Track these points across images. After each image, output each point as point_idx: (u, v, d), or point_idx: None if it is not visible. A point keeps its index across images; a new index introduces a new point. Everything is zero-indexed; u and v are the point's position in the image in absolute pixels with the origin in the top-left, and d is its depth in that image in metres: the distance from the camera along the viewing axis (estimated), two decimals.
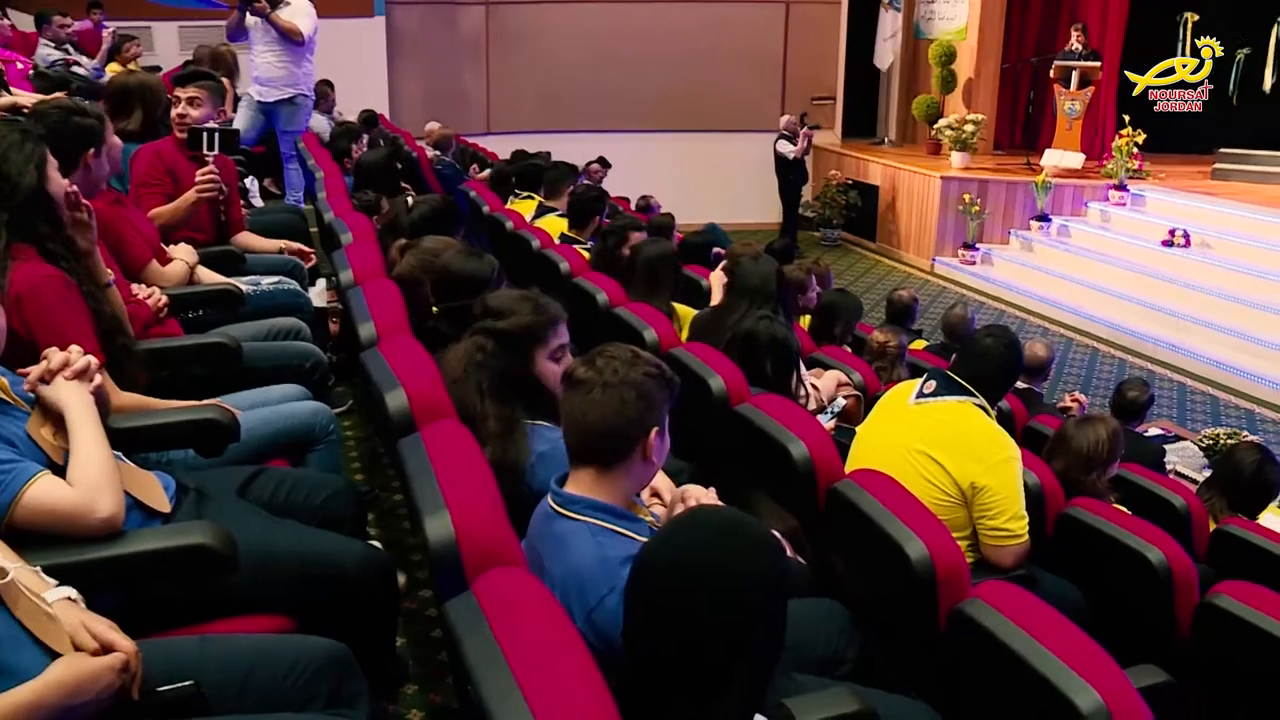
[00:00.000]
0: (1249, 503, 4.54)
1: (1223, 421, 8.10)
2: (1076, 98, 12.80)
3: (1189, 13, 14.17)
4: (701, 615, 1.56)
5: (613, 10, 13.88)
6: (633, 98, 14.00)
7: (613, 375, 2.12)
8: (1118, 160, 12.23)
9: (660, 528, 1.74)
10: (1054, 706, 2.06)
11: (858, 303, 5.69)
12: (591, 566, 2.05)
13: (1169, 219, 11.39)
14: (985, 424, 3.32)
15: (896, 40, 14.52)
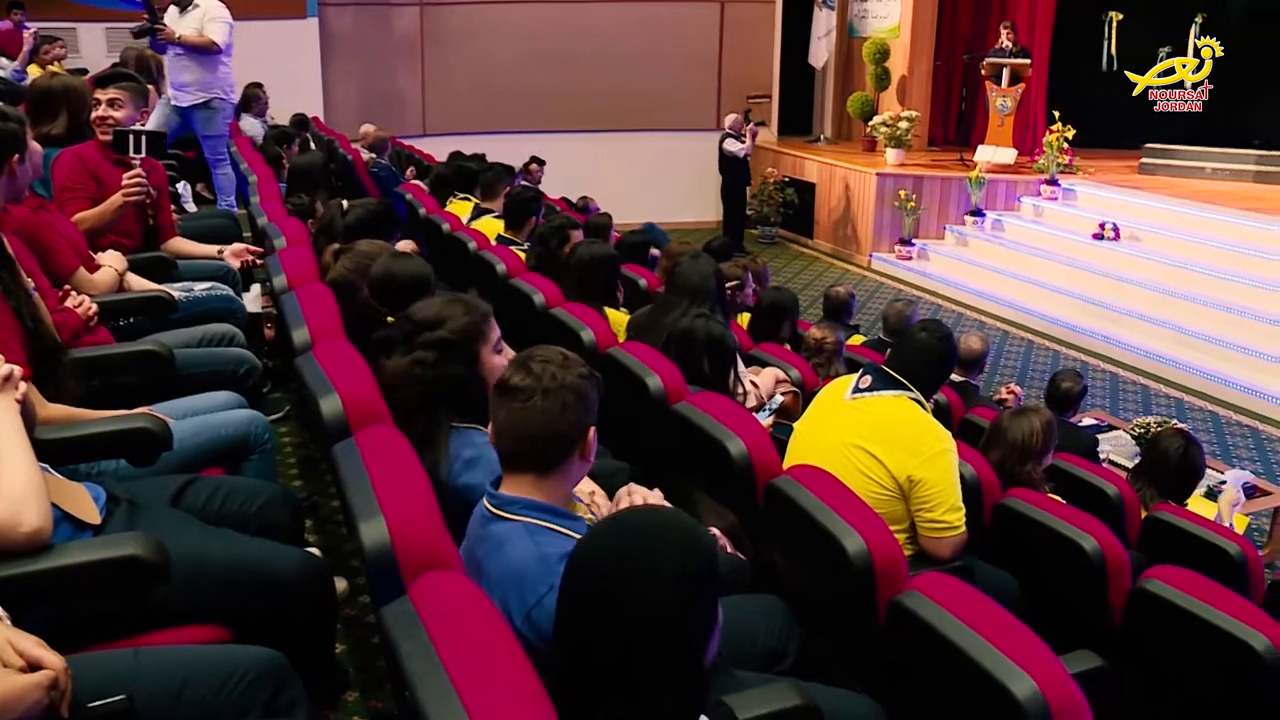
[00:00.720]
0: (1177, 488, 4.62)
1: (1154, 410, 8.25)
2: (1008, 94, 12.99)
3: (1113, 12, 14.48)
4: (630, 614, 1.56)
5: (548, 10, 13.85)
6: (569, 98, 13.97)
7: (551, 380, 2.11)
8: (1049, 155, 12.44)
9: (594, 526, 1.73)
10: (991, 695, 2.09)
11: (794, 299, 5.71)
12: (530, 565, 2.05)
13: (1099, 213, 11.61)
14: (921, 417, 3.35)
15: (831, 39, 14.64)
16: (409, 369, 2.74)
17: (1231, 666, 2.77)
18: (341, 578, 3.35)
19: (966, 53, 14.30)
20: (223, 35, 7.40)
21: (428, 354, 2.74)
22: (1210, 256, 10.32)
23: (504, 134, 13.21)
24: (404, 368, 2.76)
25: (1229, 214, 10.85)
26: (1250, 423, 8.26)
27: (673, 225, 13.17)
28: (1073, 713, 2.09)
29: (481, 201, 7.24)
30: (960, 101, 14.81)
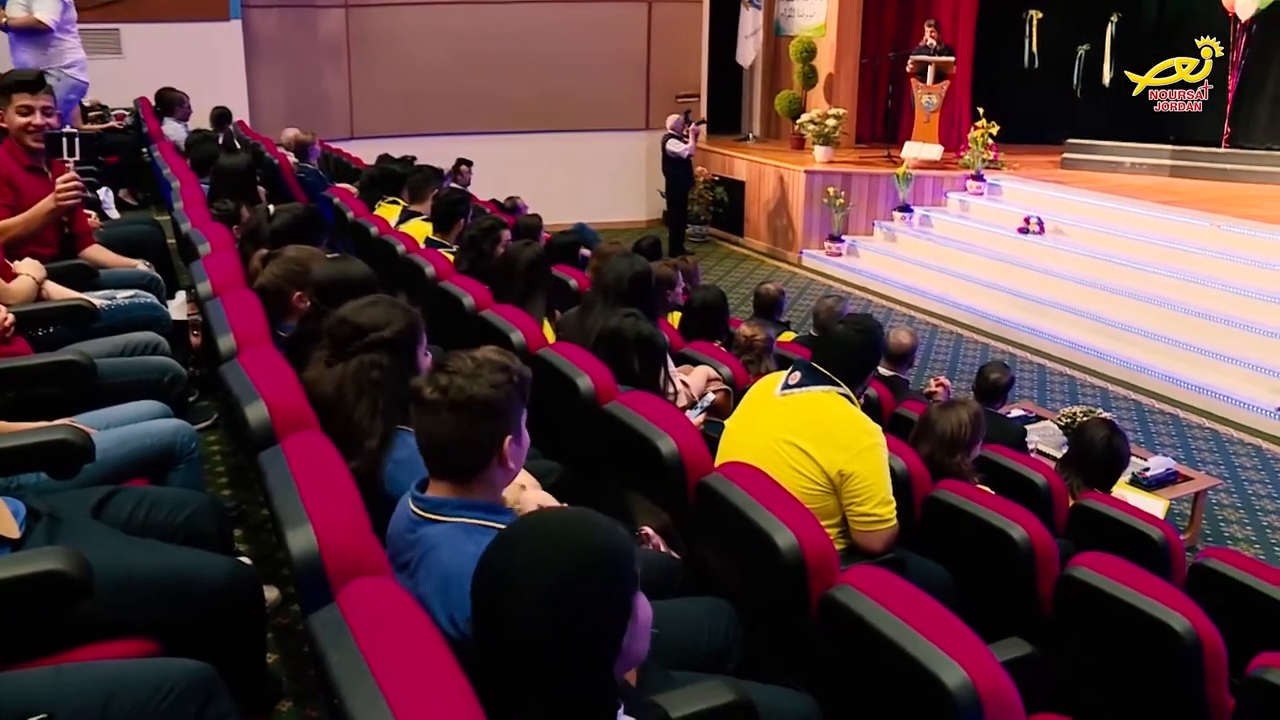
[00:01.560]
0: (1103, 476, 4.71)
1: (1080, 400, 8.40)
2: (933, 92, 13.15)
3: (1034, 10, 14.74)
4: (511, 616, 1.54)
5: (476, 11, 13.77)
6: (498, 99, 13.89)
7: (458, 393, 2.09)
8: (974, 151, 12.63)
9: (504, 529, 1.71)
10: (923, 685, 2.11)
11: (724, 297, 5.74)
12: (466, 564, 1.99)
13: (1024, 207, 11.80)
14: (850, 412, 3.37)
15: (758, 37, 14.72)
16: (363, 372, 2.72)
17: (1154, 648, 2.82)
18: (273, 586, 3.31)
19: (892, 51, 14.47)
20: (50, 12, 7.32)
21: (380, 356, 2.72)
22: (1130, 249, 10.55)
23: (433, 136, 13.10)
24: (355, 371, 2.73)
25: (1147, 208, 11.11)
26: (1172, 410, 8.44)
27: (603, 225, 13.17)
28: (1002, 700, 2.12)
29: (410, 204, 7.18)
30: (887, 99, 14.98)
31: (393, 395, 2.66)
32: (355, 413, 2.66)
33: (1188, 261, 10.03)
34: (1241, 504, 6.78)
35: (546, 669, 1.54)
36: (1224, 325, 9.03)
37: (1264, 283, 9.34)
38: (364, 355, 2.73)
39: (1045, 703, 2.83)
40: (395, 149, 11.45)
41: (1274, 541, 6.27)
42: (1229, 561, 3.71)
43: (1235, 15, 13.46)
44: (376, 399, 2.67)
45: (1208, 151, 13.41)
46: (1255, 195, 11.73)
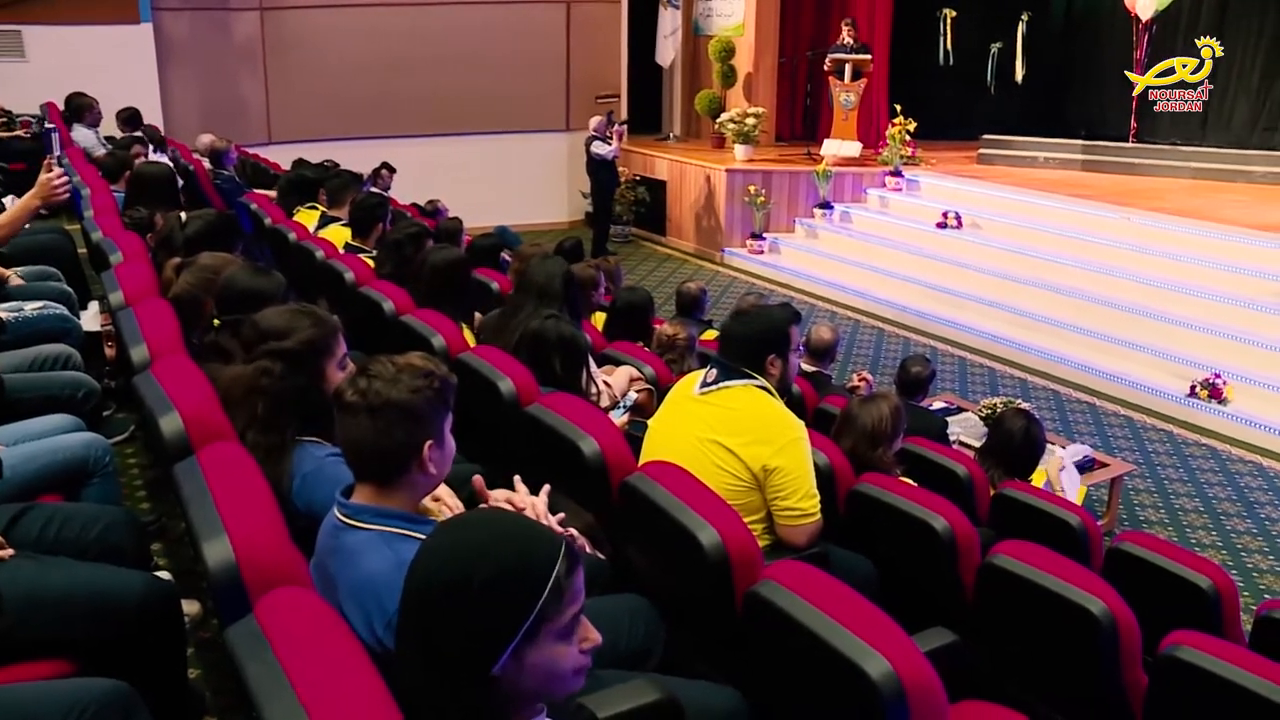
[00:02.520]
0: (1021, 465, 4.80)
1: (1000, 391, 8.55)
2: (850, 89, 13.29)
3: (948, 9, 14.99)
4: (448, 621, 1.53)
5: (393, 13, 13.64)
6: (418, 101, 13.78)
7: (376, 398, 2.09)
8: (892, 148, 12.81)
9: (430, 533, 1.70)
10: (847, 676, 2.13)
11: (647, 297, 5.75)
12: (388, 574, 2.01)
13: (942, 202, 11.98)
14: (771, 406, 3.37)
15: (677, 37, 14.76)
16: (254, 378, 2.68)
17: (1072, 631, 2.88)
18: (194, 600, 3.25)
19: (810, 49, 14.61)
20: None
21: (273, 364, 2.68)
22: (1046, 242, 10.77)
23: (353, 140, 12.97)
24: (248, 376, 2.69)
25: (1061, 201, 11.36)
26: (1088, 399, 8.62)
27: (526, 227, 13.15)
28: (926, 688, 2.15)
29: (328, 210, 7.09)
30: (805, 97, 15.12)
31: (281, 405, 2.62)
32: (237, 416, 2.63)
33: (1100, 253, 10.26)
34: (1155, 488, 6.94)
35: (423, 673, 1.54)
36: (1136, 315, 9.26)
37: (1172, 273, 9.60)
38: (260, 362, 2.69)
39: (969, 689, 2.87)
40: (315, 153, 11.31)
41: (1186, 524, 6.43)
42: (1143, 544, 3.80)
43: (1136, 15, 13.83)
44: (258, 405, 2.63)
45: (1116, 146, 13.78)
46: (1162, 188, 12.08)
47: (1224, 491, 6.93)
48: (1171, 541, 5.60)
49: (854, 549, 3.56)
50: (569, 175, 14.61)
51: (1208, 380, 8.16)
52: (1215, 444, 7.73)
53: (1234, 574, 5.75)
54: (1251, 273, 9.20)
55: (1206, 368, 8.32)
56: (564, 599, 1.56)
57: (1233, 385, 8.12)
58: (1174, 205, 10.95)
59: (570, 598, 1.57)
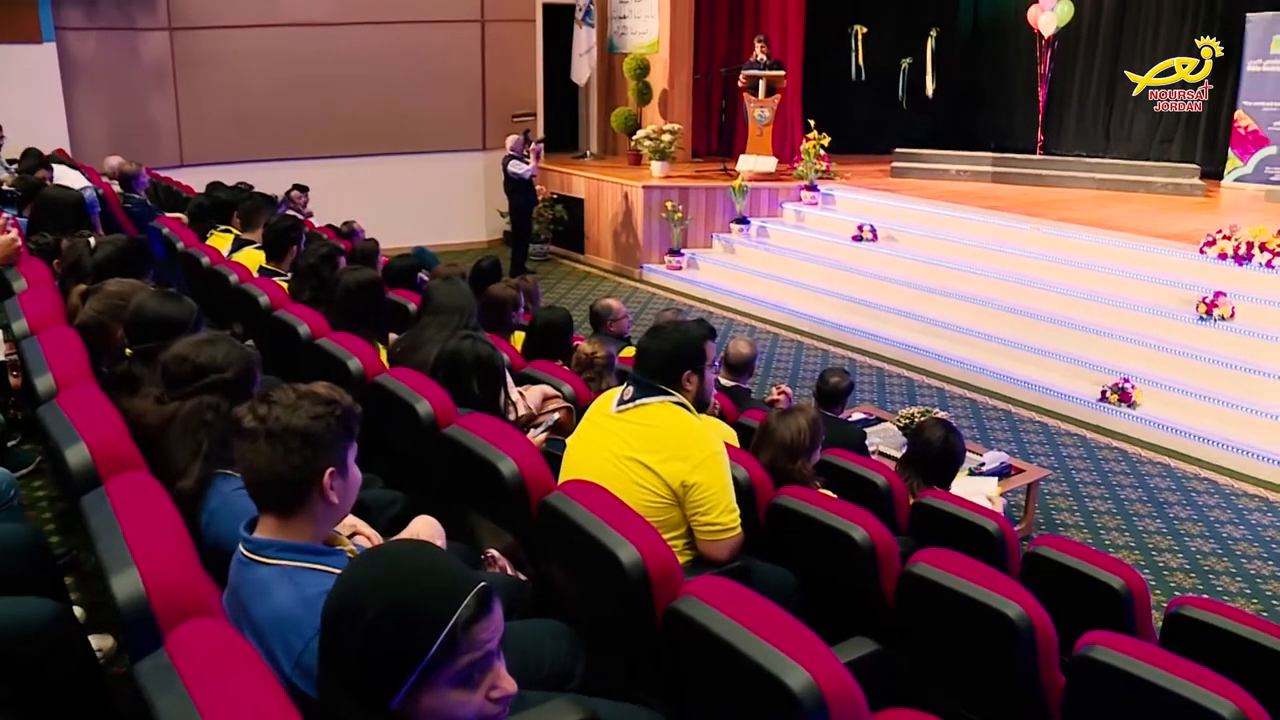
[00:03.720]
0: (941, 474, 4.86)
1: (918, 401, 8.65)
2: (765, 105, 13.43)
3: (858, 26, 15.26)
4: (346, 650, 1.53)
5: (307, 34, 13.48)
6: (333, 122, 13.63)
7: (275, 423, 2.07)
8: (807, 162, 12.96)
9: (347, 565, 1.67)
10: (768, 689, 2.13)
11: (566, 316, 5.74)
12: (293, 609, 1.98)
13: (857, 216, 12.13)
14: (688, 422, 3.38)
15: (592, 55, 14.81)
16: (198, 414, 2.63)
17: (991, 635, 2.91)
18: (107, 635, 3.17)
19: (724, 66, 14.74)
20: None
21: (216, 399, 2.64)
22: (959, 253, 10.95)
23: (267, 162, 12.80)
24: (190, 412, 2.64)
25: (973, 212, 11.58)
26: (1004, 406, 8.76)
27: (444, 247, 13.09)
28: (846, 698, 2.15)
29: (242, 233, 6.99)
30: (720, 113, 15.25)
31: (218, 438, 2.58)
32: (177, 453, 2.58)
33: (1012, 263, 10.47)
34: (1070, 492, 7.07)
35: (334, 700, 1.54)
36: (1048, 323, 9.44)
37: (1081, 281, 9.82)
38: (203, 396, 2.65)
39: (892, 697, 2.89)
40: (229, 176, 11.12)
41: (1100, 526, 6.56)
42: (1058, 548, 3.86)
43: (1039, 31, 14.21)
44: (203, 441, 2.59)
45: (1024, 158, 14.13)
46: (1069, 199, 12.39)
47: (1135, 493, 7.09)
48: (1086, 544, 5.71)
49: (776, 561, 3.57)
50: (486, 194, 14.56)
51: (1117, 385, 8.34)
52: (1126, 447, 7.90)
53: (1146, 573, 5.87)
54: (1156, 280, 9.44)
55: (1116, 373, 8.51)
56: (459, 648, 1.53)
57: (1141, 389, 8.32)
58: (1081, 215, 11.23)
59: (469, 645, 1.54)
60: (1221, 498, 7.05)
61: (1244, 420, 7.80)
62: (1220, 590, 5.82)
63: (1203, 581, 5.92)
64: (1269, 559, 6.20)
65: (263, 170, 11.96)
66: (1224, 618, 3.46)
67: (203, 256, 6.30)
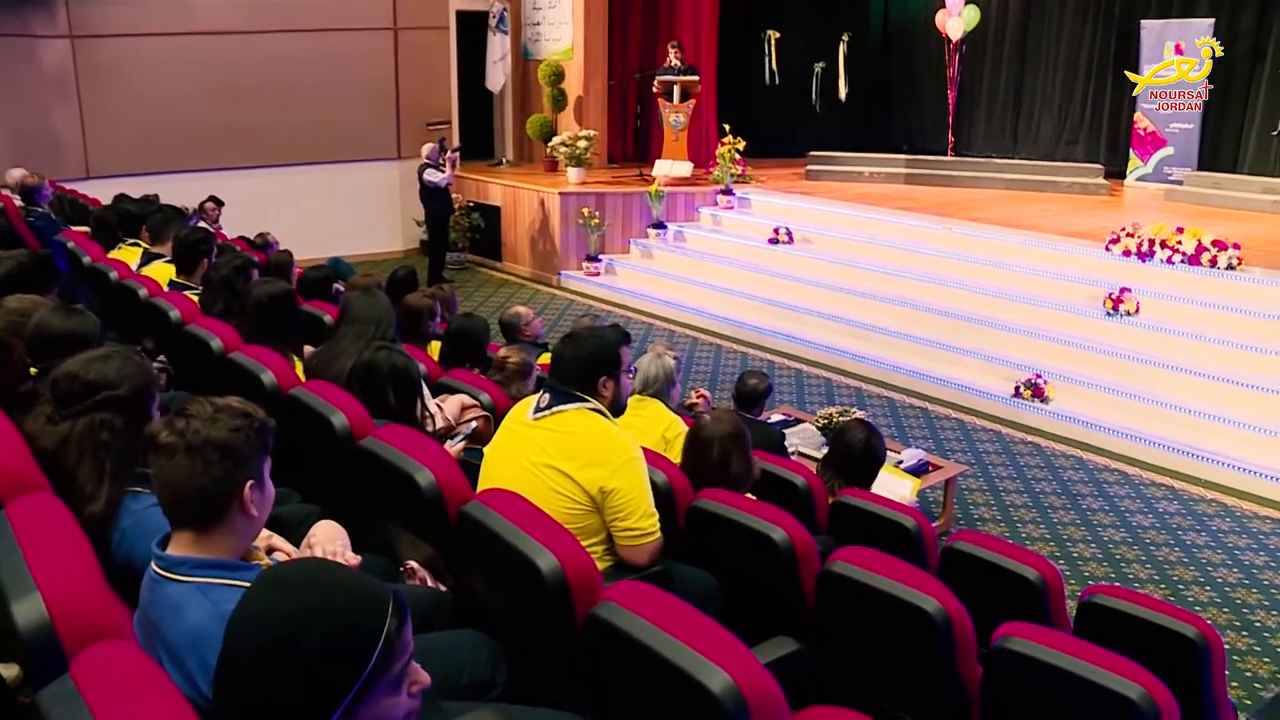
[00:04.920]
0: (863, 475, 4.90)
1: (837, 401, 8.74)
2: (680, 110, 13.49)
3: (771, 31, 15.41)
4: (244, 670, 1.51)
5: (217, 42, 13.22)
6: (246, 132, 13.38)
7: (194, 437, 2.04)
8: (722, 167, 13.04)
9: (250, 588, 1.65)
10: (689, 692, 2.14)
11: (482, 324, 5.71)
12: (209, 626, 1.95)
13: (773, 219, 12.24)
14: (604, 428, 3.38)
15: (506, 62, 14.76)
16: (92, 433, 2.57)
17: (910, 630, 2.95)
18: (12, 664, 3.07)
19: (638, 72, 14.78)
20: None
21: (111, 416, 2.57)
22: (874, 253, 11.10)
23: (178, 173, 12.51)
24: (83, 431, 2.57)
25: (887, 214, 11.74)
26: (921, 404, 8.89)
27: (360, 257, 12.95)
28: (767, 698, 2.16)
29: (151, 246, 6.85)
30: (636, 119, 15.28)
31: (121, 457, 2.52)
32: (79, 475, 2.52)
33: (927, 263, 10.64)
34: (987, 487, 7.19)
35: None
36: (962, 321, 9.60)
37: (993, 280, 10.01)
38: (95, 414, 2.58)
39: (816, 695, 2.92)
40: (137, 188, 10.85)
41: (1016, 519, 6.68)
42: (975, 542, 3.92)
43: (947, 36, 14.50)
44: (104, 461, 2.53)
45: (936, 160, 14.40)
46: (980, 199, 12.65)
47: (1049, 486, 7.23)
48: (1003, 537, 5.82)
49: (697, 565, 3.58)
50: (402, 203, 14.43)
51: (1030, 381, 8.51)
52: (1040, 441, 8.06)
53: (1061, 564, 6.00)
54: (1065, 277, 9.66)
55: (1029, 369, 8.68)
56: (394, 654, 1.56)
57: (1053, 384, 8.49)
58: (992, 215, 11.46)
59: (400, 650, 1.57)
60: (1131, 488, 7.23)
61: (1151, 412, 8.00)
62: (1131, 578, 5.96)
63: (1114, 570, 6.05)
64: (1176, 546, 6.36)
65: (173, 182, 11.71)
66: (1133, 604, 3.54)
67: (111, 271, 6.18)
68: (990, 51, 15.52)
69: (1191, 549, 6.33)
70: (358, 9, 14.06)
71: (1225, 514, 6.84)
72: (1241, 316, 8.50)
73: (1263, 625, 5.49)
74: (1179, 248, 9.23)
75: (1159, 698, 2.64)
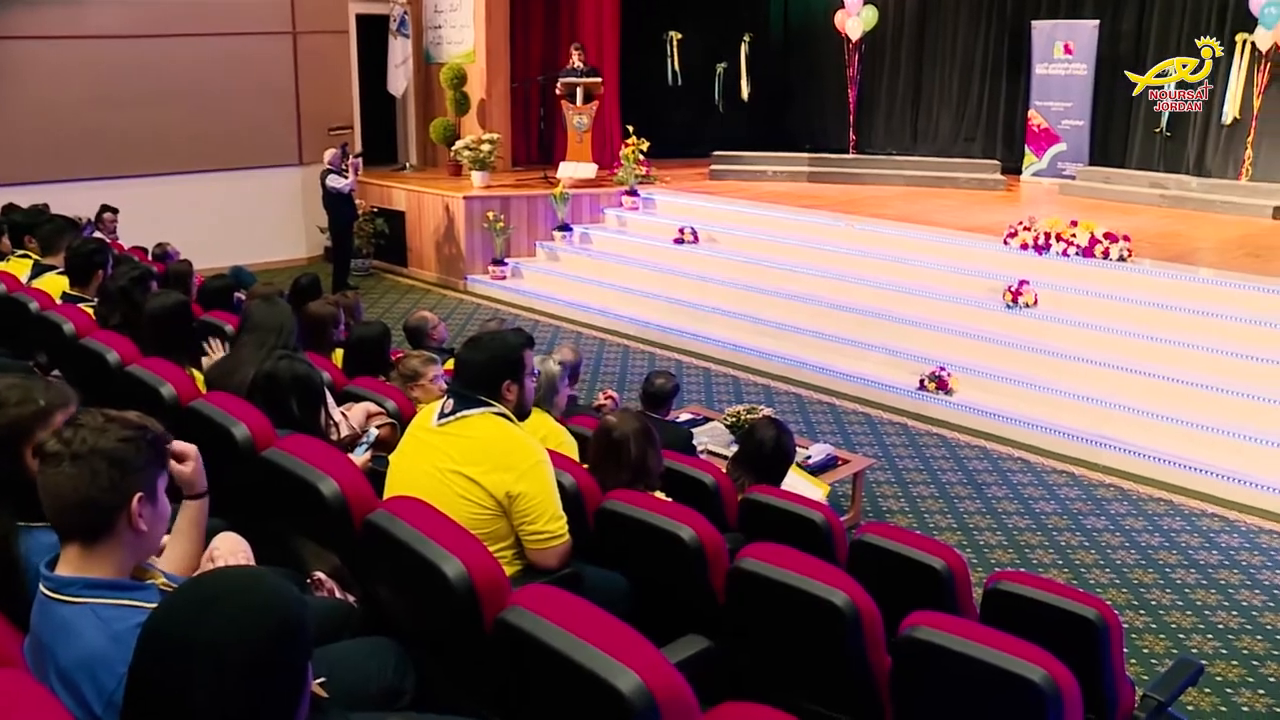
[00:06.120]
0: (773, 472, 4.94)
1: (745, 399, 8.77)
2: (583, 112, 13.49)
3: (673, 32, 15.50)
4: (197, 685, 1.48)
5: (110, 46, 12.84)
6: (143, 139, 13.02)
7: (81, 445, 1.99)
8: (626, 168, 13.07)
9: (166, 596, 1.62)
10: (599, 694, 2.14)
11: (384, 331, 5.64)
12: (103, 648, 1.90)
13: (678, 219, 12.30)
14: (509, 432, 3.37)
15: (408, 66, 14.62)
16: None
17: (819, 624, 2.99)
18: None
19: (541, 74, 14.74)
20: None
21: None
22: (779, 251, 11.22)
23: (72, 182, 12.15)
24: None
25: (790, 212, 11.88)
26: (829, 400, 8.99)
27: (263, 265, 12.74)
28: (677, 697, 2.17)
29: (42, 257, 6.66)
30: (539, 121, 15.24)
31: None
32: None
33: (831, 260, 10.78)
34: (895, 479, 7.31)
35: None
36: (867, 317, 9.74)
37: (896, 275, 10.18)
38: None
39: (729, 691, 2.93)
40: (26, 197, 10.53)
41: (924, 510, 6.80)
42: (882, 534, 3.97)
43: (847, 35, 14.73)
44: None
45: (838, 158, 14.62)
46: (881, 196, 12.87)
47: (955, 476, 7.37)
48: (911, 528, 5.92)
49: (607, 566, 3.58)
50: (305, 210, 14.20)
51: (934, 374, 8.66)
52: (945, 432, 8.21)
53: (968, 552, 6.11)
54: (965, 271, 9.86)
55: (933, 362, 8.83)
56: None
57: (957, 376, 8.66)
58: (893, 211, 11.66)
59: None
60: (1034, 475, 7.40)
61: (1051, 401, 8.19)
62: (1035, 563, 6.10)
63: (1020, 556, 6.19)
64: (1077, 530, 6.53)
65: (67, 191, 11.39)
66: (1037, 589, 3.62)
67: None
68: (889, 51, 15.79)
69: (1092, 533, 6.50)
70: (255, 13, 13.79)
71: (1123, 498, 7.03)
72: (1134, 306, 8.77)
73: (1158, 604, 5.66)
74: (1074, 241, 9.48)
75: (1060, 678, 2.70)
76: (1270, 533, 6.55)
